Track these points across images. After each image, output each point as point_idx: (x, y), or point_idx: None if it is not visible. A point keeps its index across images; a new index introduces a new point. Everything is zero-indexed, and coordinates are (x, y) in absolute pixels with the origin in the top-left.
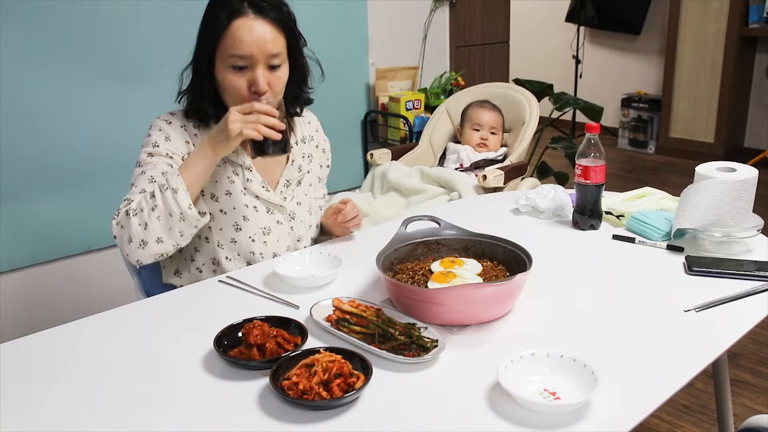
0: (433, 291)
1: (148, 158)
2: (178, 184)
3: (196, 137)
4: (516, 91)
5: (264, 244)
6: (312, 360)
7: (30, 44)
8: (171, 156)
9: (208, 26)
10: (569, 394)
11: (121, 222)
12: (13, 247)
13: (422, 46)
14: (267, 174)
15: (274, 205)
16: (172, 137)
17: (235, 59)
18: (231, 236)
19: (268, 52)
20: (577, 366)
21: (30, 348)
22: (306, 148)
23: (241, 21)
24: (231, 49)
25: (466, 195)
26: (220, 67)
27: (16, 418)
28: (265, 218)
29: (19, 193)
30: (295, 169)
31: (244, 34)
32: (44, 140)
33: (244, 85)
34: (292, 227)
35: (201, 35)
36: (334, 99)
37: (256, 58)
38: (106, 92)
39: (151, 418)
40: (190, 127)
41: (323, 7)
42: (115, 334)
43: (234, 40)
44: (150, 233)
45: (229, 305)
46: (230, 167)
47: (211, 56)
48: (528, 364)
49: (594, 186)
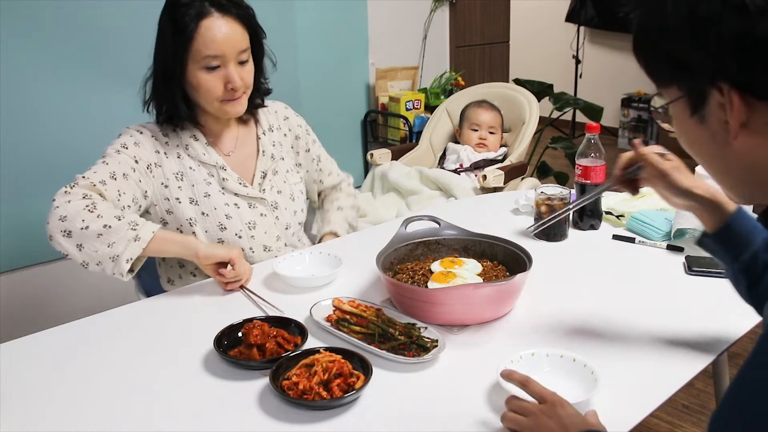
0: (433, 291)
1: (115, 154)
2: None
3: (167, 145)
4: (516, 91)
5: (252, 239)
6: (312, 360)
7: (32, 46)
8: (137, 161)
9: (175, 31)
10: (569, 393)
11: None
12: (13, 247)
13: (422, 46)
14: (241, 170)
15: (254, 198)
16: (142, 144)
17: (208, 59)
18: (217, 236)
19: (238, 48)
20: (577, 366)
21: (30, 348)
22: (274, 137)
23: (208, 21)
24: (203, 50)
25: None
26: (191, 69)
27: (16, 418)
28: (248, 213)
29: (19, 193)
30: (268, 158)
31: (214, 34)
32: (45, 141)
33: (219, 85)
34: (277, 217)
35: (165, 41)
36: (334, 99)
37: (227, 56)
38: (107, 93)
39: (151, 417)
40: (160, 136)
41: (323, 7)
42: (115, 334)
43: (205, 41)
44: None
45: (229, 305)
46: (204, 169)
47: (181, 60)
48: (528, 364)
49: (594, 186)
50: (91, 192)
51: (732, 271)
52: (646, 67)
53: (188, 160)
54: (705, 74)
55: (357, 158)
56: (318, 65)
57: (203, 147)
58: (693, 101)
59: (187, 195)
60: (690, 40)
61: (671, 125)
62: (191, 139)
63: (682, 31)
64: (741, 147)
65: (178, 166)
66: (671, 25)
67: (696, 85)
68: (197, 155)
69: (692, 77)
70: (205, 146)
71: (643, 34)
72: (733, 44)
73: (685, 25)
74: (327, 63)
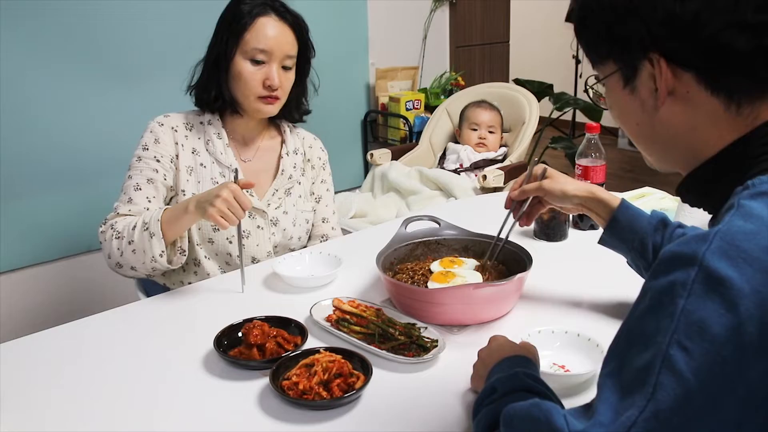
0: (433, 291)
1: (137, 162)
2: (155, 230)
3: (187, 138)
4: (516, 91)
5: (242, 247)
6: (312, 360)
7: (31, 44)
8: (158, 160)
9: (232, 20)
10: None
11: (105, 235)
12: (13, 247)
13: (422, 46)
14: (256, 182)
15: (256, 209)
16: (161, 139)
17: (256, 52)
18: (209, 236)
19: (286, 52)
20: (591, 344)
21: (30, 348)
22: (297, 159)
23: (265, 19)
24: (254, 42)
25: (463, 199)
26: (238, 59)
27: (16, 418)
28: (245, 221)
29: (19, 193)
30: (286, 178)
31: (267, 30)
32: (45, 140)
33: (258, 79)
34: (273, 233)
35: (222, 29)
36: (334, 99)
37: (274, 54)
38: (107, 92)
39: (151, 417)
40: (182, 128)
41: (323, 7)
42: (115, 334)
43: (258, 34)
44: (125, 260)
45: (229, 305)
46: (218, 168)
47: (230, 49)
48: (536, 341)
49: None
50: (116, 219)
51: (632, 262)
52: (586, 46)
53: (204, 155)
54: (639, 46)
55: (357, 158)
56: (318, 65)
57: (223, 147)
58: (626, 74)
59: (192, 191)
60: (627, 15)
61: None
62: (214, 136)
63: (621, 7)
64: (666, 114)
65: (191, 161)
66: (611, 3)
67: (630, 58)
68: (215, 152)
69: (628, 50)
70: (225, 147)
71: (585, 13)
72: (665, 18)
73: (623, 2)
74: (327, 63)
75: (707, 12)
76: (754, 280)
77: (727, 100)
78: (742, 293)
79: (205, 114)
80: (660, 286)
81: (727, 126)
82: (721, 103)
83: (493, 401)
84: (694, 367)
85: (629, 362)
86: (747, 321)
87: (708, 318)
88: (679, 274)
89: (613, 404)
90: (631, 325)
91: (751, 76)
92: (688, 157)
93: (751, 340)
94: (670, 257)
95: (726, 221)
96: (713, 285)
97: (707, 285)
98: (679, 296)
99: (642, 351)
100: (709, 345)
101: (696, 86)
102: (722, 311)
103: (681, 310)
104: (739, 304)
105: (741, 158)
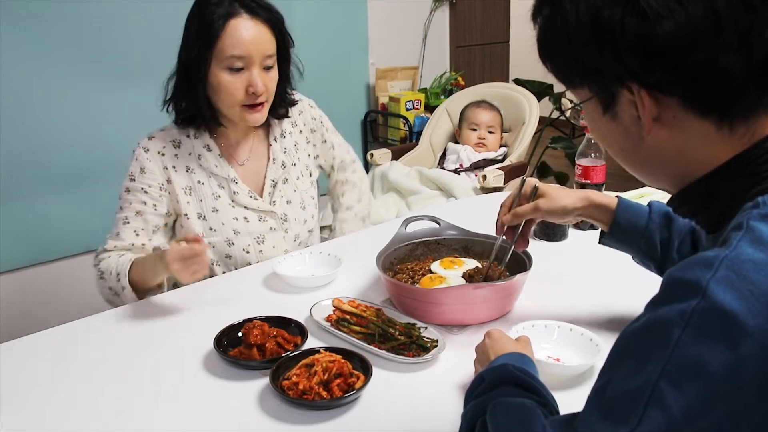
0: (433, 291)
1: (126, 194)
2: (125, 283)
3: (177, 158)
4: (516, 91)
5: (260, 254)
6: (312, 360)
7: (31, 45)
8: (146, 191)
9: (201, 27)
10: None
11: (95, 271)
12: (13, 247)
13: (422, 46)
14: (253, 180)
15: (265, 212)
16: (147, 168)
17: (233, 60)
18: (225, 252)
19: (265, 52)
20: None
21: (30, 348)
22: (286, 143)
23: (236, 21)
24: (229, 49)
25: (463, 199)
26: (214, 69)
27: (16, 418)
28: (257, 227)
29: (19, 193)
30: (278, 166)
31: (241, 35)
32: (45, 140)
33: (240, 87)
34: (287, 230)
35: (191, 38)
36: (334, 99)
37: (253, 58)
38: (107, 93)
39: (151, 417)
40: (170, 148)
41: (323, 7)
42: (116, 334)
43: (232, 40)
44: (112, 299)
45: (229, 305)
46: (215, 181)
47: (204, 59)
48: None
49: (594, 186)
50: (102, 256)
51: (641, 262)
52: (554, 72)
53: (199, 172)
54: (613, 76)
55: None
56: (318, 65)
57: (216, 158)
58: (604, 101)
59: (196, 210)
60: (595, 45)
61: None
62: (204, 150)
63: (587, 37)
64: (653, 140)
65: (187, 181)
66: (576, 32)
67: (606, 86)
68: (209, 166)
69: (601, 79)
70: (218, 158)
71: (548, 41)
72: (636, 47)
73: (589, 31)
74: (327, 63)
75: (684, 32)
76: (760, 315)
77: (718, 121)
78: (747, 330)
79: (189, 128)
80: (659, 314)
81: (722, 146)
82: (712, 124)
83: (481, 393)
84: (683, 405)
85: (617, 381)
86: (748, 361)
87: (705, 354)
88: (678, 303)
89: (593, 426)
90: (624, 342)
91: (743, 96)
92: (679, 177)
93: (752, 381)
94: (671, 283)
95: (734, 245)
96: (715, 318)
97: (708, 318)
98: (676, 325)
99: (631, 374)
100: (704, 384)
101: (683, 111)
102: (722, 348)
103: (677, 341)
104: (741, 342)
105: (741, 174)
